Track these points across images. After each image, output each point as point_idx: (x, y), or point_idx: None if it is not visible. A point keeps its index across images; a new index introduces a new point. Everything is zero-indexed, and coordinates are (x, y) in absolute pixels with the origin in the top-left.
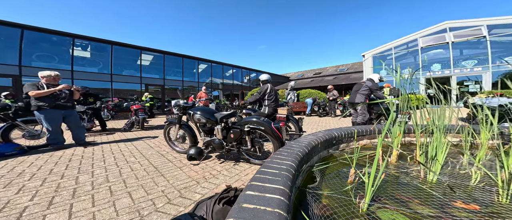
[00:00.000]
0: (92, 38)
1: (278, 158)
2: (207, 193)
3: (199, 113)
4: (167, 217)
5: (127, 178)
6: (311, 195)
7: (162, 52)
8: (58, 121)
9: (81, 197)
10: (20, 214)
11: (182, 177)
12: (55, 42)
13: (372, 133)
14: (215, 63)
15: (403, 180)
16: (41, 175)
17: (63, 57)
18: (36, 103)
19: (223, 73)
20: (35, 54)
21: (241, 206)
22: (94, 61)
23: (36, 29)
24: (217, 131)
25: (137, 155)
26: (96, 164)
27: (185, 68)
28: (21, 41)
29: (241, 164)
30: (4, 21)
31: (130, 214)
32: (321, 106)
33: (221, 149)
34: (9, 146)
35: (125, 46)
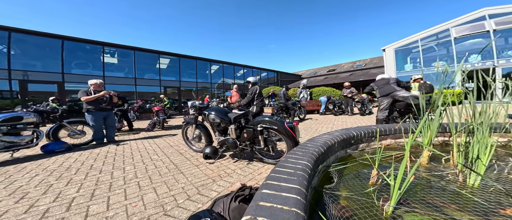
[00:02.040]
0: (118, 45)
1: (293, 158)
2: (222, 191)
3: (213, 113)
4: (187, 213)
5: (152, 175)
6: (328, 195)
7: (178, 55)
8: (101, 121)
9: (115, 191)
10: (70, 204)
11: (199, 175)
12: (88, 50)
13: (397, 132)
14: (226, 64)
15: (436, 183)
16: (84, 169)
17: (95, 63)
18: (86, 106)
19: (234, 73)
20: (74, 62)
21: (258, 204)
22: (120, 66)
23: (73, 39)
24: (230, 131)
25: (160, 153)
26: (126, 161)
27: (198, 69)
28: (62, 51)
29: (255, 163)
30: (48, 33)
31: (155, 208)
32: (336, 104)
33: (235, 148)
34: (58, 143)
35: (145, 51)
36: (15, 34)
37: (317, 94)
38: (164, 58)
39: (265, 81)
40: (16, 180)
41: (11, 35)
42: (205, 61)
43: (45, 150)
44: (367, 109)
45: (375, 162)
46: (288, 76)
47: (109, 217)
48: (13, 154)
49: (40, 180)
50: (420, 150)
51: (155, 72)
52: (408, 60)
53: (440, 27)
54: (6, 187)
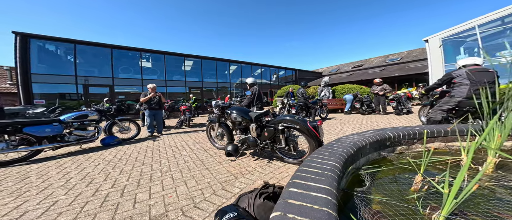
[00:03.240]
0: (151, 50)
1: (319, 158)
2: (244, 188)
3: (235, 112)
4: (214, 206)
5: (182, 169)
6: (360, 198)
7: (200, 57)
8: (152, 117)
9: (155, 182)
10: (123, 190)
11: (222, 171)
12: (129, 56)
13: (448, 134)
14: (244, 64)
15: (506, 195)
16: (131, 161)
17: (135, 68)
18: (144, 106)
19: (252, 73)
20: (120, 67)
21: (287, 201)
22: (153, 69)
23: (119, 47)
24: (251, 129)
25: (187, 149)
26: (161, 155)
27: (218, 70)
28: (112, 58)
29: (275, 162)
30: (101, 43)
31: (186, 200)
32: (364, 103)
33: (255, 147)
34: (112, 138)
35: (173, 55)
36: (79, 45)
37: (341, 92)
38: (188, 60)
39: (283, 80)
40: (85, 168)
41: (76, 47)
42: (224, 61)
43: (103, 143)
44: (404, 107)
45: (421, 166)
46: (307, 74)
47: (151, 205)
48: (82, 146)
49: (101, 168)
50: (481, 155)
51: (181, 73)
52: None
53: (507, 9)
54: (78, 173)
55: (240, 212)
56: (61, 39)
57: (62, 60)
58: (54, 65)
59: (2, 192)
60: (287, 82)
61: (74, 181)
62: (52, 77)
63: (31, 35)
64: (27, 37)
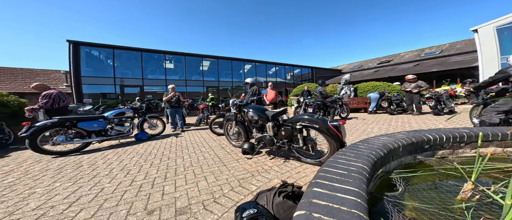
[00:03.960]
0: (173, 52)
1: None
2: (261, 186)
3: (251, 110)
4: (232, 202)
5: (202, 165)
6: (392, 204)
7: (216, 57)
8: (174, 114)
9: (179, 176)
10: (153, 182)
11: (239, 169)
12: (155, 58)
13: (508, 138)
14: (259, 63)
15: None
16: (159, 155)
17: (160, 69)
18: (166, 105)
19: (266, 72)
20: (148, 69)
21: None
22: (175, 70)
23: (146, 50)
24: (268, 128)
25: (206, 146)
26: (184, 151)
27: (234, 69)
28: (142, 61)
29: (291, 161)
30: (133, 47)
31: (207, 194)
32: (393, 101)
33: (271, 146)
34: (143, 133)
35: (192, 56)
36: (116, 50)
37: (365, 90)
38: (205, 60)
39: (298, 78)
40: (123, 160)
41: (114, 52)
42: (239, 61)
43: (136, 137)
44: (445, 107)
45: (472, 173)
46: (324, 72)
47: (177, 198)
48: (120, 140)
49: (136, 161)
50: None
51: (199, 73)
52: None
53: None
54: (118, 164)
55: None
56: (102, 45)
57: (104, 64)
58: (97, 68)
59: (63, 178)
60: (303, 81)
61: (115, 171)
62: (96, 79)
63: (80, 43)
64: (78, 44)
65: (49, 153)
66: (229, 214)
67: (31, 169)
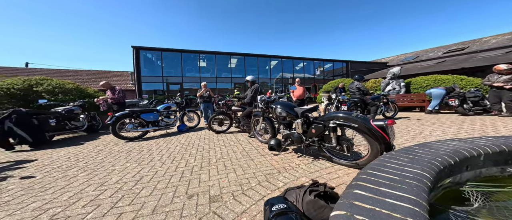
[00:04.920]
0: (205, 51)
1: (394, 163)
2: (288, 183)
3: (280, 107)
4: (259, 196)
5: (231, 157)
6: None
7: (243, 54)
8: (206, 109)
9: (212, 166)
10: (191, 170)
11: (266, 164)
12: (191, 58)
13: None
14: (285, 58)
15: None
16: (195, 146)
17: (195, 68)
18: (200, 100)
19: (293, 67)
20: (186, 68)
21: (352, 202)
22: (207, 68)
23: (185, 51)
24: (296, 125)
25: (234, 140)
26: (215, 143)
27: (259, 66)
28: (181, 61)
29: (321, 161)
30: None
31: (236, 186)
32: (468, 99)
33: (299, 143)
34: (183, 125)
35: (221, 54)
36: (164, 53)
37: (421, 85)
38: (233, 58)
39: (330, 73)
40: (169, 148)
41: (162, 54)
42: (265, 57)
43: (178, 129)
44: None
45: None
46: (362, 66)
47: (210, 186)
48: (167, 130)
49: (178, 150)
50: None
51: (228, 71)
52: None
53: None
54: (166, 152)
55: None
56: (154, 48)
57: (154, 65)
58: (151, 68)
59: (131, 159)
60: (336, 76)
61: (164, 158)
62: (150, 78)
63: (140, 47)
64: (139, 49)
65: (123, 138)
66: (256, 206)
67: (113, 150)
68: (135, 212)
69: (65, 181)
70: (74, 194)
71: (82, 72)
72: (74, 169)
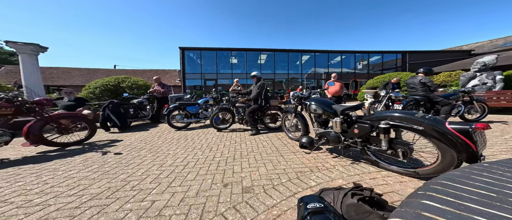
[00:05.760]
0: (235, 48)
1: (489, 177)
2: (322, 183)
3: (315, 103)
4: (289, 192)
5: (261, 152)
6: None
7: (273, 50)
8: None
9: (243, 159)
10: (226, 161)
11: (296, 162)
12: (225, 55)
13: None
14: (319, 52)
15: None
16: (229, 138)
17: (228, 64)
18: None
19: (328, 62)
20: (220, 65)
21: (420, 213)
22: (238, 65)
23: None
24: (334, 124)
25: (264, 135)
26: (246, 137)
27: (290, 61)
28: (216, 58)
29: (363, 164)
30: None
31: (266, 180)
32: None
33: (336, 143)
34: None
35: (251, 51)
36: (203, 51)
37: None
38: (263, 54)
39: (377, 67)
40: (207, 139)
41: (201, 53)
42: (296, 52)
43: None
44: None
45: None
46: (426, 56)
47: (242, 177)
48: (205, 122)
49: (214, 141)
50: None
51: (257, 67)
52: None
53: None
54: (205, 141)
55: (326, 205)
56: (194, 48)
57: (195, 63)
58: (192, 66)
59: (180, 146)
60: (386, 70)
61: (204, 147)
62: (191, 74)
63: (185, 48)
64: (184, 49)
65: (174, 127)
66: (287, 202)
67: (167, 137)
68: (184, 193)
69: (139, 159)
70: (144, 171)
71: (146, 71)
72: (144, 150)
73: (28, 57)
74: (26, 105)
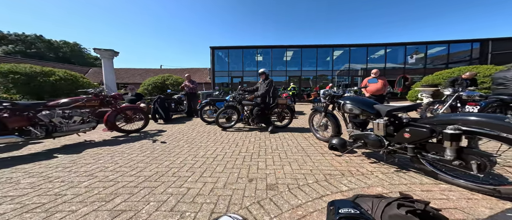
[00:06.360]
0: (261, 46)
1: None
2: (356, 189)
3: (351, 103)
4: (316, 194)
5: (286, 151)
6: None
7: (300, 46)
8: None
9: (268, 156)
10: (251, 156)
11: (325, 163)
12: (250, 53)
13: None
14: (355, 47)
15: None
16: (253, 135)
17: (253, 62)
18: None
19: (367, 56)
20: (246, 63)
21: None
22: (263, 62)
23: (247, 47)
24: (376, 126)
25: (289, 133)
26: (270, 135)
27: (319, 57)
28: (243, 56)
29: (412, 174)
30: (236, 46)
31: (291, 179)
32: None
33: (377, 148)
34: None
35: (277, 48)
36: (231, 50)
37: None
38: (289, 50)
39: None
40: (234, 134)
41: (229, 51)
42: (326, 48)
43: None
44: None
45: None
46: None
47: (266, 174)
48: None
49: (240, 136)
50: None
51: (283, 64)
52: None
53: None
54: (232, 136)
55: (363, 212)
56: (223, 47)
57: (223, 61)
58: (221, 64)
59: (210, 139)
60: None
61: (230, 141)
62: (220, 72)
63: (215, 47)
64: (214, 49)
65: (205, 121)
66: (313, 204)
67: (200, 130)
68: (213, 184)
69: (178, 149)
70: (182, 160)
71: (184, 70)
72: (182, 141)
73: (107, 61)
74: (107, 98)
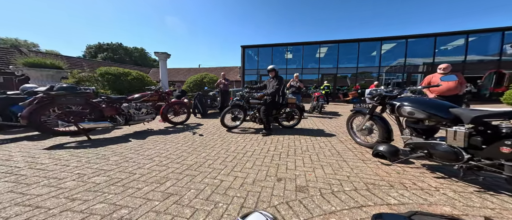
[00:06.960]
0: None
1: None
2: (411, 205)
3: (412, 105)
4: (354, 203)
5: (318, 153)
6: None
7: (337, 41)
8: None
9: (298, 157)
10: (280, 155)
11: (367, 172)
12: (280, 51)
13: None
14: (413, 38)
15: None
16: (282, 133)
17: (282, 60)
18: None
19: (435, 48)
20: (275, 61)
21: None
22: (293, 60)
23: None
24: (453, 135)
25: (321, 135)
26: (301, 135)
27: (361, 52)
28: (272, 54)
29: (504, 197)
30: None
31: (324, 184)
32: None
33: (449, 161)
34: None
35: (308, 44)
36: (260, 48)
37: None
38: (323, 47)
39: None
40: (262, 131)
41: (259, 50)
42: (372, 41)
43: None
44: None
45: None
46: None
47: (296, 175)
48: None
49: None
50: None
51: (315, 61)
52: None
53: None
54: (262, 132)
55: None
56: (253, 46)
57: (253, 59)
58: (251, 63)
59: (240, 135)
60: None
61: (259, 139)
62: (249, 70)
63: (246, 46)
64: (245, 48)
65: None
66: (350, 213)
67: None
68: (243, 179)
69: (212, 142)
70: (216, 153)
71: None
72: (216, 135)
73: (163, 62)
74: (163, 94)
